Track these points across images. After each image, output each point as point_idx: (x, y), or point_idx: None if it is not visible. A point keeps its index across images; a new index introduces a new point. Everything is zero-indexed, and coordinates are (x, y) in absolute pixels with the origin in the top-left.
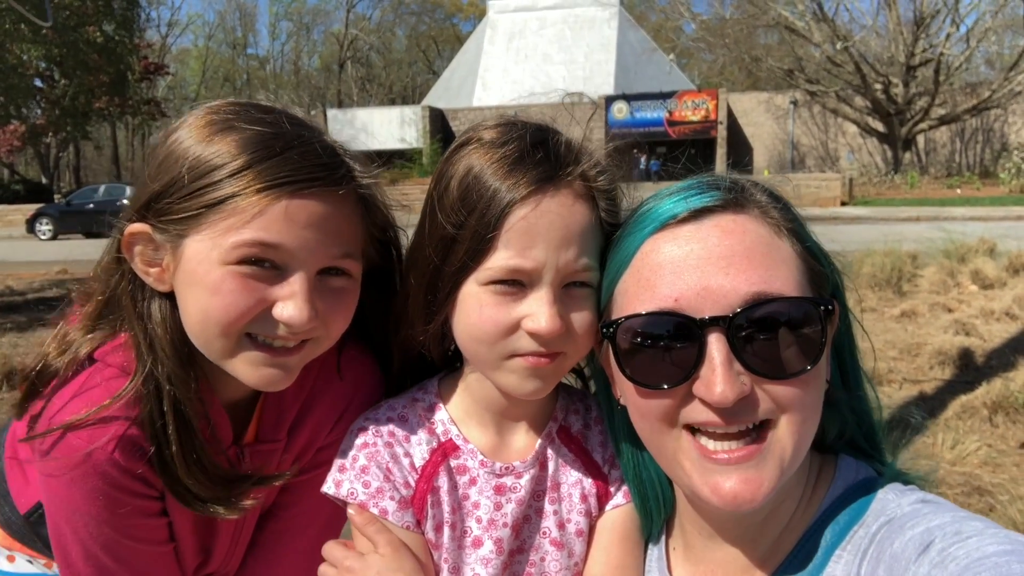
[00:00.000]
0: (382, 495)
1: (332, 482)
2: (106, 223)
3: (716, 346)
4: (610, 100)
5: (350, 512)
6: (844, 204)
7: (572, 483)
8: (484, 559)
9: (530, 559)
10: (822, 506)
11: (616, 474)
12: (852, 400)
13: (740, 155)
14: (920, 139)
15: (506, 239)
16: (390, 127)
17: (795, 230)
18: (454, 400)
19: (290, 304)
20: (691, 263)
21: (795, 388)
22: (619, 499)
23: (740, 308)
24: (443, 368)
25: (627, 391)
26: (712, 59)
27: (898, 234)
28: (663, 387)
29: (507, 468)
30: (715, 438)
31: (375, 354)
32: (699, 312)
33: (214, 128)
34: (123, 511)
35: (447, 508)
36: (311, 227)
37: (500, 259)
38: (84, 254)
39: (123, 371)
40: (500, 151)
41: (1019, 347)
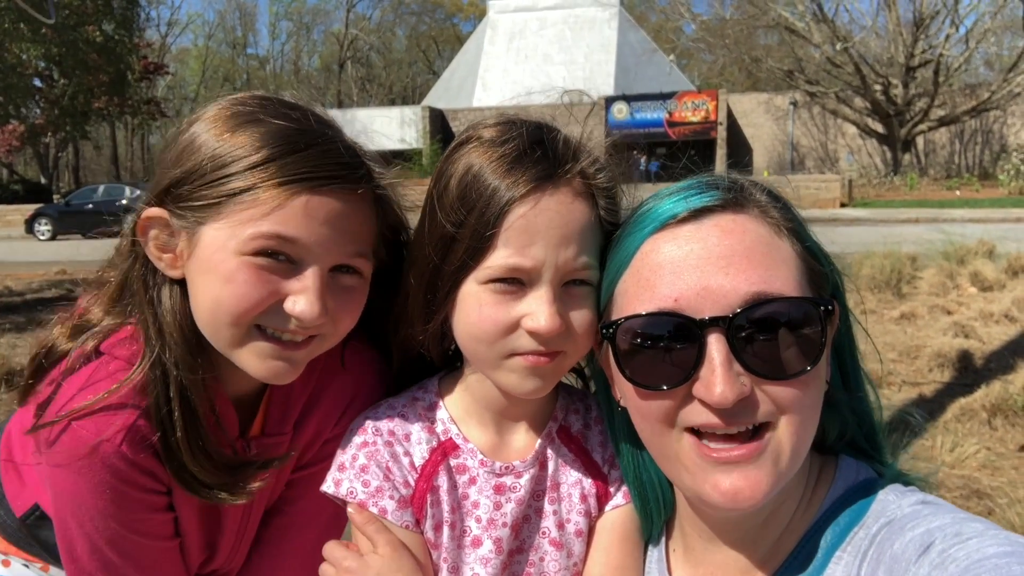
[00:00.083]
0: (381, 494)
1: (331, 481)
2: (105, 223)
3: (716, 347)
4: (610, 101)
5: (350, 511)
6: (843, 206)
7: (572, 483)
8: (483, 559)
9: (529, 559)
10: (822, 507)
11: (616, 474)
12: (853, 401)
13: (740, 156)
14: (919, 140)
15: (505, 238)
16: (390, 127)
17: (795, 230)
18: (454, 399)
19: (302, 299)
20: (691, 263)
21: (795, 389)
22: (619, 499)
23: (740, 308)
24: (443, 368)
25: (627, 392)
26: (712, 60)
27: (897, 236)
28: (663, 388)
29: (507, 468)
30: (715, 439)
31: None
32: (699, 312)
33: (239, 119)
34: (130, 505)
35: (446, 507)
36: (328, 224)
37: (499, 258)
38: (83, 255)
39: (130, 364)
40: (500, 149)
41: (1018, 350)
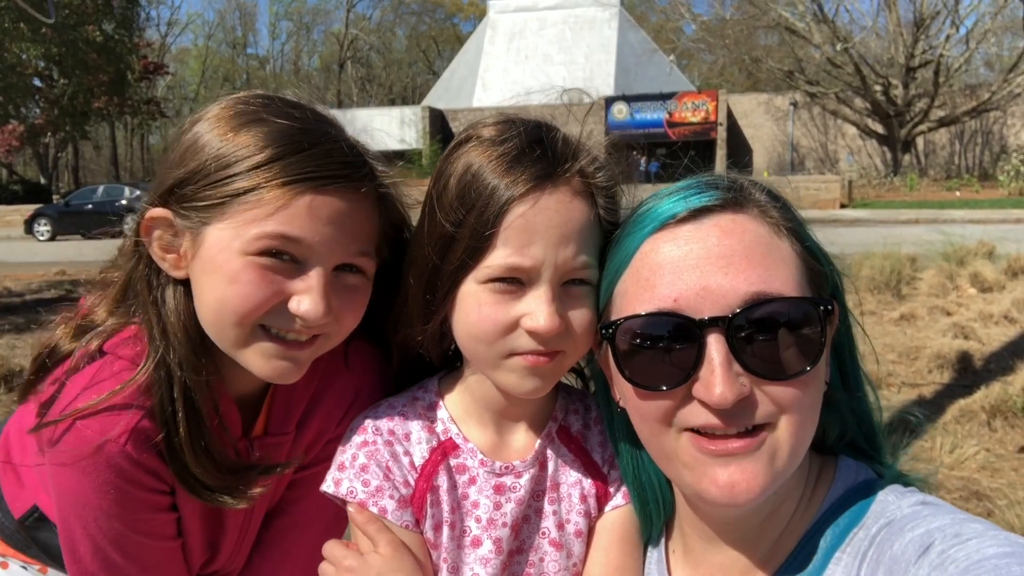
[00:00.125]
0: (381, 494)
1: (331, 480)
2: (105, 223)
3: (715, 347)
4: (610, 101)
5: (350, 511)
6: (843, 206)
7: (571, 483)
8: (483, 559)
9: (529, 559)
10: (822, 508)
11: (616, 475)
12: (852, 401)
13: (740, 157)
14: (919, 141)
15: (504, 237)
16: (390, 128)
17: (795, 229)
18: (454, 399)
19: (306, 298)
20: (690, 263)
21: (794, 389)
22: (618, 500)
23: (739, 308)
24: (442, 368)
25: (626, 393)
26: (712, 60)
27: (897, 237)
28: (662, 388)
29: (507, 468)
30: (713, 438)
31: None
32: (698, 312)
33: (243, 119)
34: (133, 505)
35: (446, 507)
36: (332, 223)
37: (499, 257)
38: (83, 255)
39: (134, 364)
40: (499, 148)
41: (1018, 351)
